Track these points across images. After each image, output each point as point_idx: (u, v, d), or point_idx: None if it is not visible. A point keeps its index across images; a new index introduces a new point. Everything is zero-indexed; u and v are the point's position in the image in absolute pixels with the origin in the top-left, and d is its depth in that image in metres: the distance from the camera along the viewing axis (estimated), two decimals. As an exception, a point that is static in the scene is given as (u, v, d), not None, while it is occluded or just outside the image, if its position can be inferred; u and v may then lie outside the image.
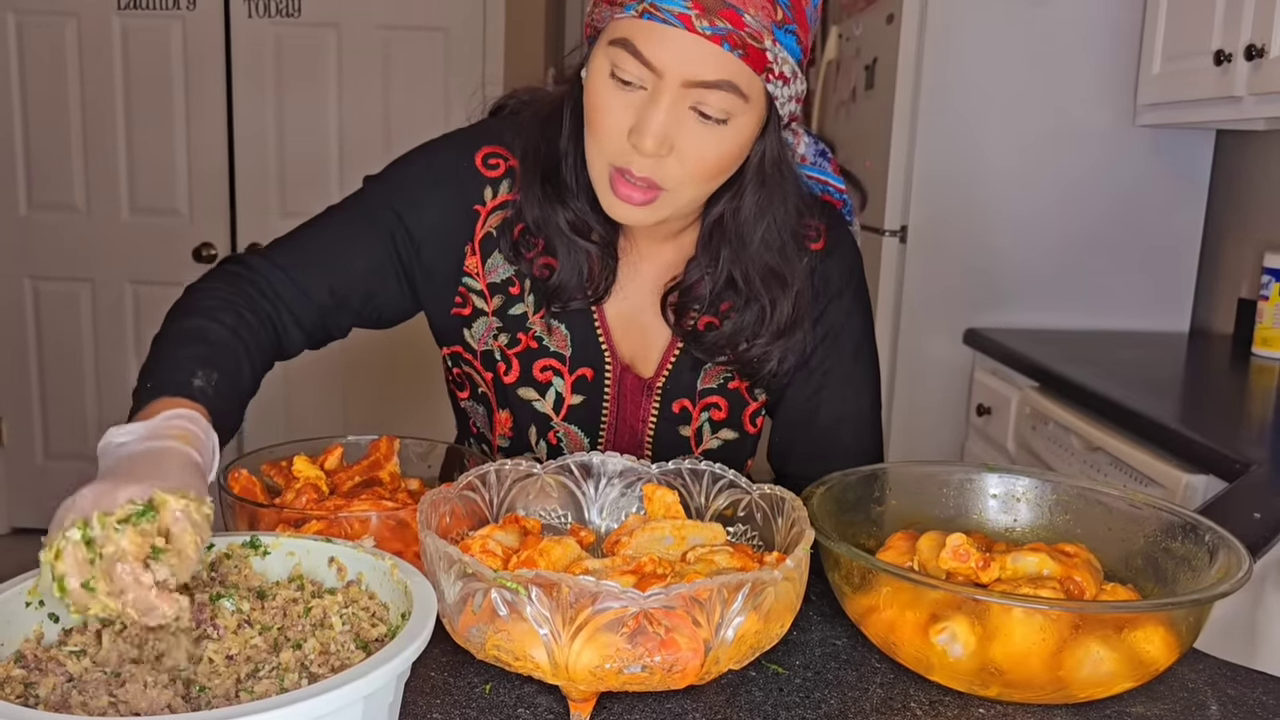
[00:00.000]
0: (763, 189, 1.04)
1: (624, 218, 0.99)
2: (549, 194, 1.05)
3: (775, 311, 1.08)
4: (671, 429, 1.14)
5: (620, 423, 1.14)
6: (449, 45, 3.48)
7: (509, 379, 1.11)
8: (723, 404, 1.15)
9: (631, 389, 1.13)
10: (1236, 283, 2.63)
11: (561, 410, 1.12)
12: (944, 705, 0.83)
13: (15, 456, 3.65)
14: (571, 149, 1.04)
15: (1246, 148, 2.60)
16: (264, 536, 0.79)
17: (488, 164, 1.09)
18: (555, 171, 1.05)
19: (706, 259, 1.08)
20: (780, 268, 1.07)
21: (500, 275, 1.10)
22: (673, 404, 1.14)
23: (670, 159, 0.94)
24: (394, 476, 1.04)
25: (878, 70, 2.79)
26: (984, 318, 2.70)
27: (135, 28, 3.39)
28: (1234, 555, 0.85)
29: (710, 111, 0.92)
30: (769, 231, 1.05)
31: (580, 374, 1.11)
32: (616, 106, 0.94)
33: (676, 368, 1.13)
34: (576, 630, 0.65)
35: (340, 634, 0.70)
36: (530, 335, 1.10)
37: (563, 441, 1.14)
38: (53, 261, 3.52)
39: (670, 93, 0.91)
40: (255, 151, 3.48)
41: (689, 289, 1.10)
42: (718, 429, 1.15)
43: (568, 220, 1.05)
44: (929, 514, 1.02)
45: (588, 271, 1.08)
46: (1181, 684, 0.87)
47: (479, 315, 1.11)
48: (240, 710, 0.55)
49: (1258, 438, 1.78)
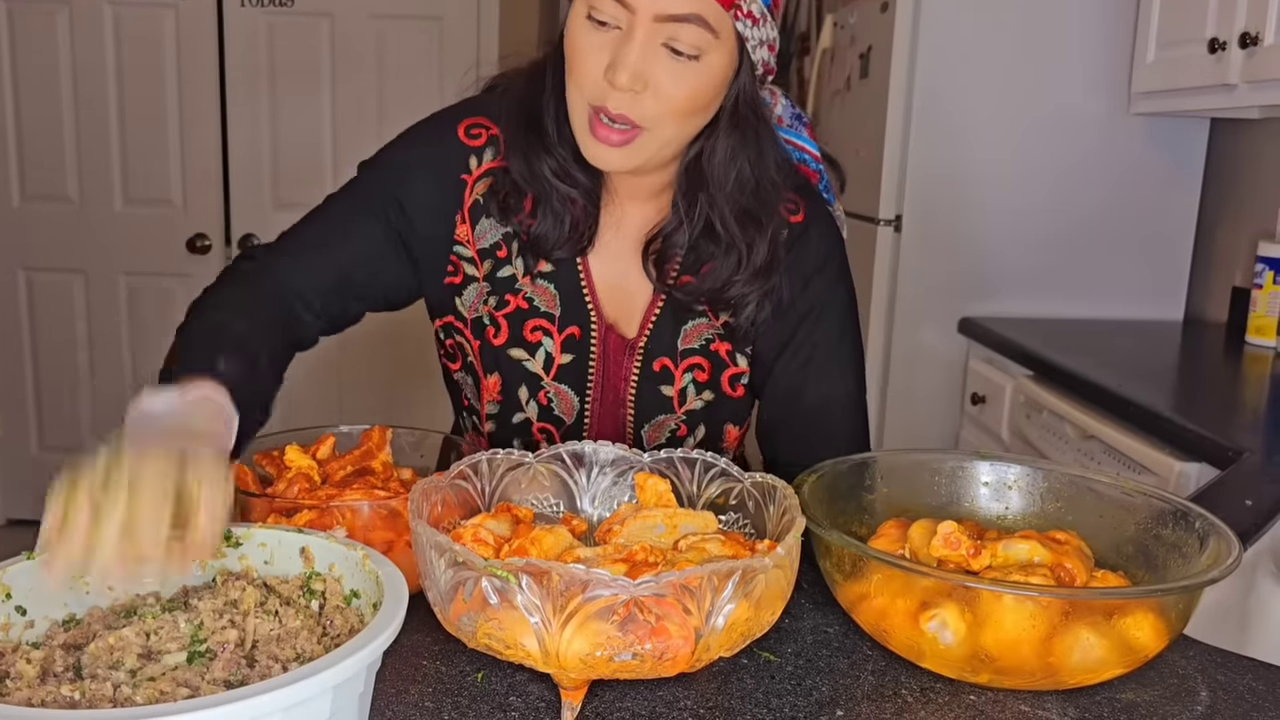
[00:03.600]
0: (736, 131, 1.06)
1: (603, 160, 1.03)
2: (532, 144, 1.08)
3: (752, 253, 1.10)
4: (653, 388, 1.16)
5: (605, 382, 1.16)
6: (443, 34, 3.47)
7: (498, 341, 1.14)
8: (705, 364, 1.17)
9: (615, 348, 1.15)
10: (1231, 271, 2.63)
11: (552, 370, 1.15)
12: (935, 692, 0.83)
13: (9, 448, 3.64)
14: (553, 102, 1.08)
15: (1241, 136, 2.60)
16: (235, 528, 0.79)
17: (470, 134, 1.13)
18: (538, 124, 1.09)
19: (685, 204, 1.11)
20: (755, 210, 1.10)
21: (489, 240, 1.13)
22: (654, 363, 1.15)
23: (645, 95, 0.98)
24: (386, 466, 1.04)
25: (872, 59, 2.78)
26: (978, 306, 2.70)
27: (127, 17, 3.37)
28: (1224, 542, 0.85)
29: (682, 47, 0.97)
30: (742, 173, 1.08)
31: (569, 333, 1.14)
32: (594, 46, 0.98)
33: (657, 327, 1.15)
34: (567, 618, 0.65)
35: (303, 625, 0.70)
36: (520, 296, 1.13)
37: (553, 401, 1.15)
38: (46, 253, 3.51)
39: (643, 28, 0.96)
40: (249, 142, 3.47)
41: (668, 236, 1.13)
42: (701, 390, 1.17)
43: (551, 168, 1.08)
44: (921, 502, 1.02)
45: (570, 220, 1.11)
46: (1172, 670, 0.88)
47: (470, 282, 1.14)
48: (208, 701, 0.55)
49: (1251, 425, 1.79)
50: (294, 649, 0.68)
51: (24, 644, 0.70)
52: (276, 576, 0.77)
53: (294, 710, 0.57)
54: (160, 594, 0.77)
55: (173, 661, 0.67)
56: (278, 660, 0.67)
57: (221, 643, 0.68)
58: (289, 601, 0.73)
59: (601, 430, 1.17)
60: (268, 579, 0.77)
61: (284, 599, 0.74)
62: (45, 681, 0.64)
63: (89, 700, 0.62)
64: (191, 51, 3.40)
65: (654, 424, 1.17)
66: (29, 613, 0.72)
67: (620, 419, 1.17)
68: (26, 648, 0.68)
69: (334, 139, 3.48)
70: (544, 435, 1.16)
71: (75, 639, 0.70)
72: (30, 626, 0.72)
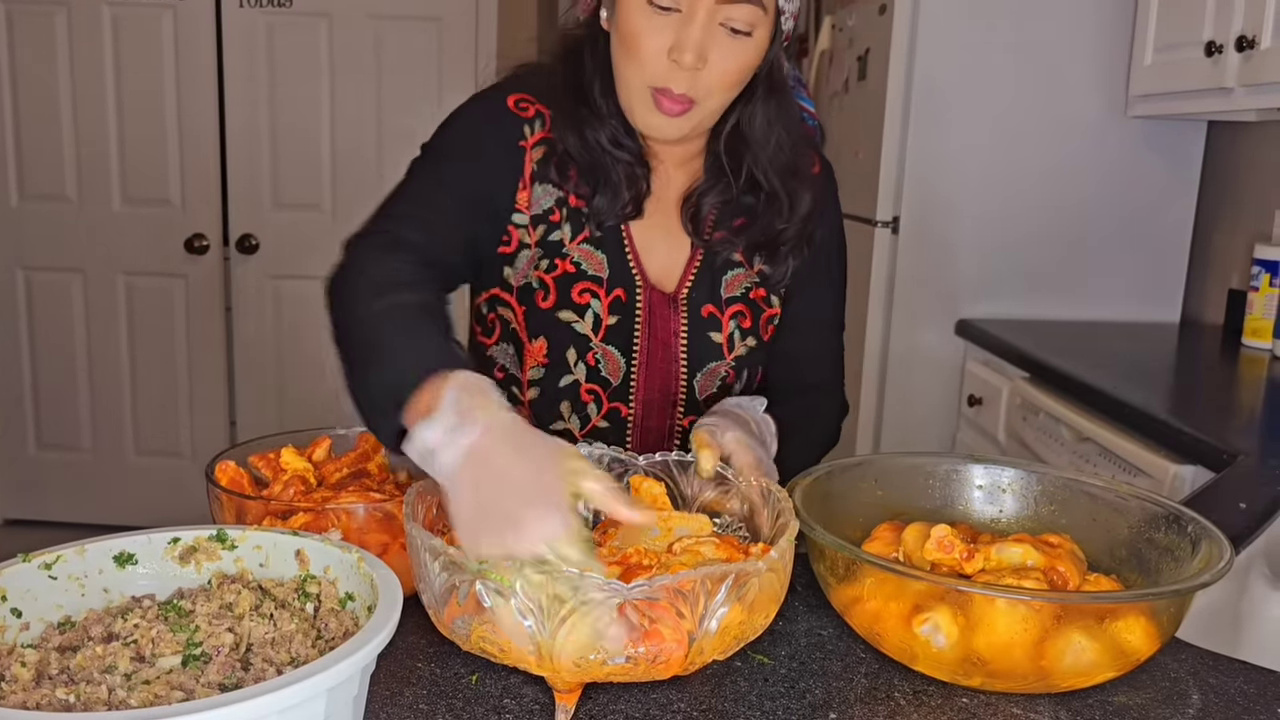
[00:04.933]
0: (772, 95, 1.16)
1: (660, 130, 1.10)
2: (585, 118, 1.14)
3: (796, 203, 1.19)
4: (702, 335, 1.20)
5: (653, 339, 1.19)
6: (441, 35, 3.47)
7: (546, 304, 1.16)
8: (747, 311, 1.22)
9: (659, 305, 1.19)
10: (1227, 273, 2.63)
11: (600, 331, 1.17)
12: (928, 695, 0.84)
13: (7, 448, 3.64)
14: (597, 80, 1.14)
15: (1238, 139, 2.60)
16: (230, 530, 0.79)
17: (519, 107, 1.17)
18: (586, 101, 1.15)
19: (730, 165, 1.18)
20: (794, 164, 1.19)
21: (544, 205, 1.16)
22: (700, 310, 1.20)
23: (703, 72, 1.05)
24: (382, 469, 1.04)
25: (870, 61, 2.79)
26: (975, 308, 2.71)
27: (125, 17, 3.37)
28: (1216, 546, 0.85)
29: (738, 25, 1.04)
30: (780, 133, 1.17)
31: (616, 294, 1.17)
32: (655, 29, 1.04)
33: (698, 280, 1.20)
34: (560, 622, 0.66)
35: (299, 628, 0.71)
36: (568, 260, 1.16)
37: (600, 363, 1.18)
38: (44, 252, 3.51)
39: (705, 9, 1.03)
40: (247, 142, 3.47)
41: (705, 195, 1.20)
42: (745, 336, 1.22)
43: (607, 136, 1.14)
44: (915, 505, 1.03)
45: (626, 185, 1.16)
46: (1164, 673, 0.88)
47: (522, 249, 1.17)
48: (202, 704, 0.55)
49: (1246, 428, 1.79)
50: (289, 652, 0.69)
51: (19, 646, 0.70)
52: (272, 579, 0.78)
53: (289, 713, 0.58)
54: (155, 596, 0.77)
55: (167, 665, 0.67)
56: (272, 663, 0.68)
57: (216, 646, 0.68)
58: (284, 604, 0.74)
59: (649, 390, 1.19)
60: (263, 582, 0.77)
61: (279, 602, 0.74)
62: (40, 684, 0.65)
63: (84, 703, 0.62)
64: (190, 51, 3.40)
65: (706, 372, 1.21)
66: (24, 615, 0.72)
67: (669, 375, 1.20)
68: (22, 650, 0.68)
69: (332, 139, 3.47)
70: (591, 396, 1.18)
71: (70, 641, 0.70)
72: (26, 629, 0.72)
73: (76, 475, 3.66)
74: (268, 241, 3.51)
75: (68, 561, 0.75)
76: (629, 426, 1.20)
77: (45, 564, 0.74)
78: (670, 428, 1.21)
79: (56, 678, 0.66)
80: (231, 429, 3.63)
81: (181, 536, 0.79)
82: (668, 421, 1.21)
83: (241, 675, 0.66)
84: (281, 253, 3.50)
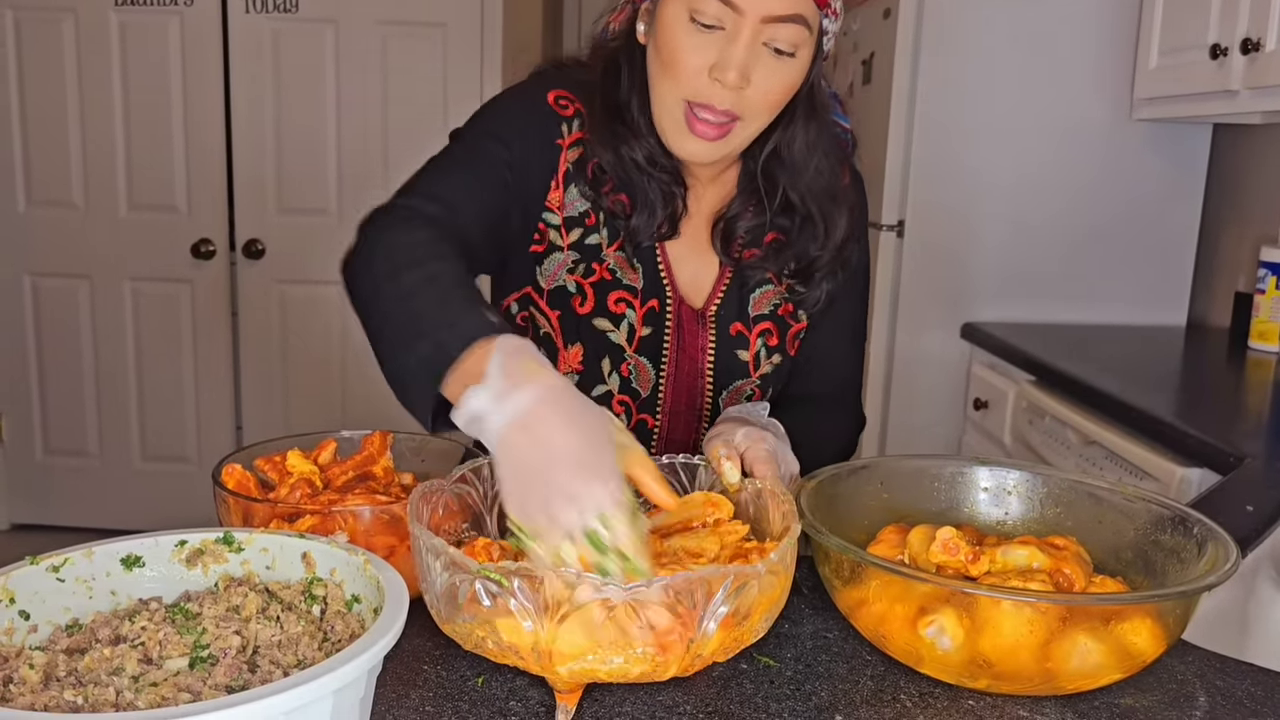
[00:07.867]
0: (813, 117, 1.14)
1: (694, 154, 1.08)
2: (621, 134, 1.12)
3: (832, 228, 1.17)
4: (730, 354, 1.20)
5: (681, 354, 1.18)
6: (447, 41, 3.47)
7: (584, 310, 1.15)
8: (774, 329, 1.21)
9: (688, 320, 1.18)
10: (1233, 276, 2.63)
11: (634, 342, 1.17)
12: (934, 697, 0.84)
13: (14, 453, 3.66)
14: (634, 96, 1.12)
15: (1243, 141, 2.60)
16: (237, 532, 0.80)
17: (559, 104, 1.15)
18: (620, 117, 1.13)
19: (766, 188, 1.16)
20: (834, 187, 1.17)
21: (578, 209, 1.15)
22: (729, 328, 1.19)
23: (745, 91, 1.03)
24: (388, 471, 1.05)
25: (875, 65, 2.79)
26: (981, 311, 2.71)
27: (132, 23, 3.38)
28: (1222, 547, 0.85)
29: (782, 46, 1.03)
30: (819, 158, 1.15)
31: (650, 306, 1.17)
32: (697, 47, 1.03)
33: (726, 297, 1.20)
34: (559, 622, 0.66)
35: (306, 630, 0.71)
36: (604, 267, 1.15)
37: (633, 374, 1.17)
38: (51, 258, 3.52)
39: (750, 29, 1.01)
40: (253, 148, 3.48)
41: (737, 216, 1.18)
42: (771, 354, 1.21)
43: (644, 154, 1.12)
44: (921, 507, 1.03)
45: (662, 204, 1.14)
46: (1170, 675, 0.88)
47: (553, 250, 1.15)
48: (209, 705, 0.56)
49: (1253, 431, 1.78)
50: (295, 654, 0.69)
51: (27, 649, 0.70)
52: (278, 582, 0.78)
53: (295, 715, 0.58)
54: (162, 599, 0.77)
55: (174, 667, 0.67)
56: (279, 665, 0.68)
57: (223, 648, 0.68)
58: (290, 607, 0.74)
59: (675, 403, 1.19)
60: (269, 584, 0.77)
61: (285, 604, 0.74)
62: (48, 686, 0.65)
63: (92, 705, 0.62)
64: (196, 57, 3.41)
65: (731, 389, 1.20)
66: (32, 617, 0.73)
67: (695, 390, 1.19)
68: (30, 652, 0.69)
69: (338, 145, 3.48)
70: (622, 408, 1.18)
71: (78, 644, 0.70)
72: (34, 631, 0.72)
73: (83, 480, 3.67)
74: (274, 247, 3.52)
75: (75, 564, 0.75)
76: (654, 438, 1.19)
77: (53, 567, 0.74)
78: (695, 441, 1.21)
79: (64, 680, 0.66)
80: (238, 433, 3.63)
81: (189, 539, 0.79)
82: (693, 435, 1.21)
83: (248, 677, 0.66)
84: (287, 258, 3.51)
